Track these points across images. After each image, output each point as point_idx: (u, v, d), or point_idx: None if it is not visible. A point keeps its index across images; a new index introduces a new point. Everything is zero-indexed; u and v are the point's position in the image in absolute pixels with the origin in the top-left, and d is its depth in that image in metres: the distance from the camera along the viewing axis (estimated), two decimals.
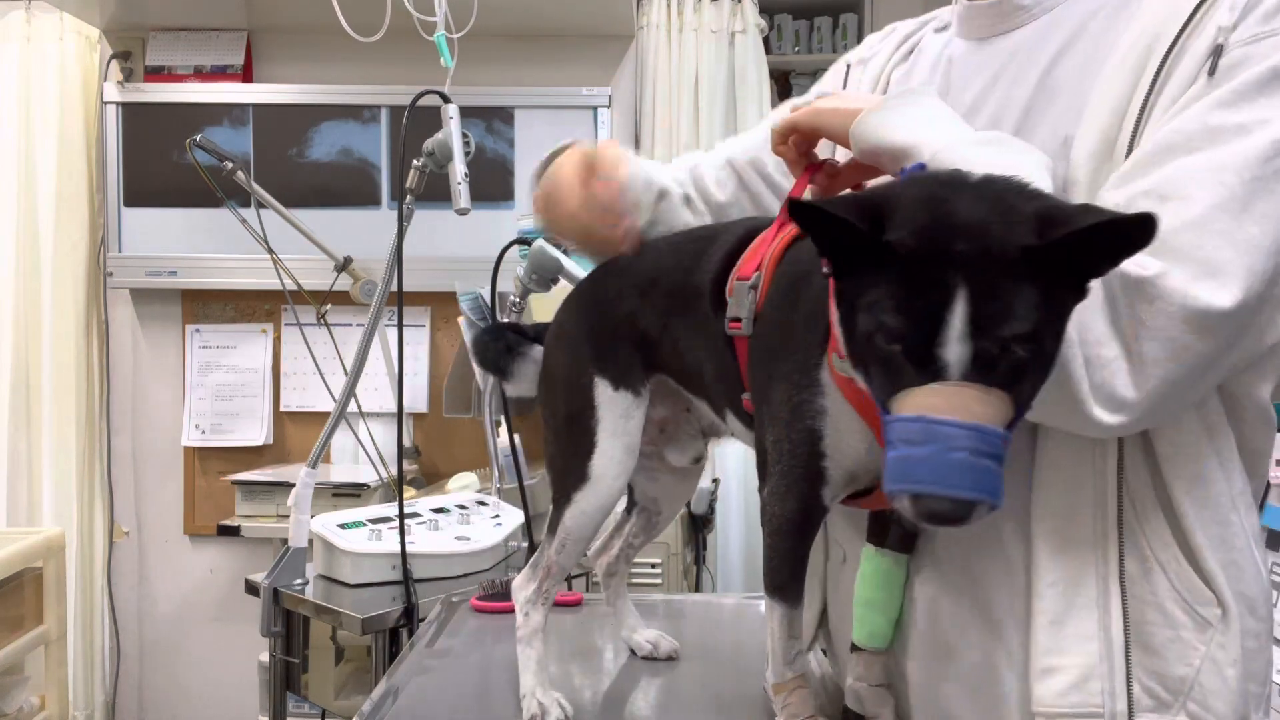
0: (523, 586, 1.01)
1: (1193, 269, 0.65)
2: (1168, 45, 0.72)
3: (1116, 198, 0.69)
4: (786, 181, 0.94)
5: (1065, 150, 0.75)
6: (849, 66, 1.01)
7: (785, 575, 0.82)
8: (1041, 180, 0.68)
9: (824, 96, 0.84)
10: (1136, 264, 0.65)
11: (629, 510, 1.10)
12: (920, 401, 0.60)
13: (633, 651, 1.11)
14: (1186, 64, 0.71)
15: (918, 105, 0.77)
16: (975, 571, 0.78)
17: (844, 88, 1.00)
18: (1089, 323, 0.68)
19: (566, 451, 0.93)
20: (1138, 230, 0.57)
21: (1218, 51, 0.70)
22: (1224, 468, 0.73)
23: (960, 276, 0.59)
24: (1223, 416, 0.74)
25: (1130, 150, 0.71)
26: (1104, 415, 0.68)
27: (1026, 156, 0.71)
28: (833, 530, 0.92)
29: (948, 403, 0.59)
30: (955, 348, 0.59)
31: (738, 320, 0.80)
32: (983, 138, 0.73)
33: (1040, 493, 0.75)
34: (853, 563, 0.86)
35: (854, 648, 0.84)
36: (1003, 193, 0.63)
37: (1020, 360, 0.59)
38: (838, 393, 0.72)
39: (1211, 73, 0.69)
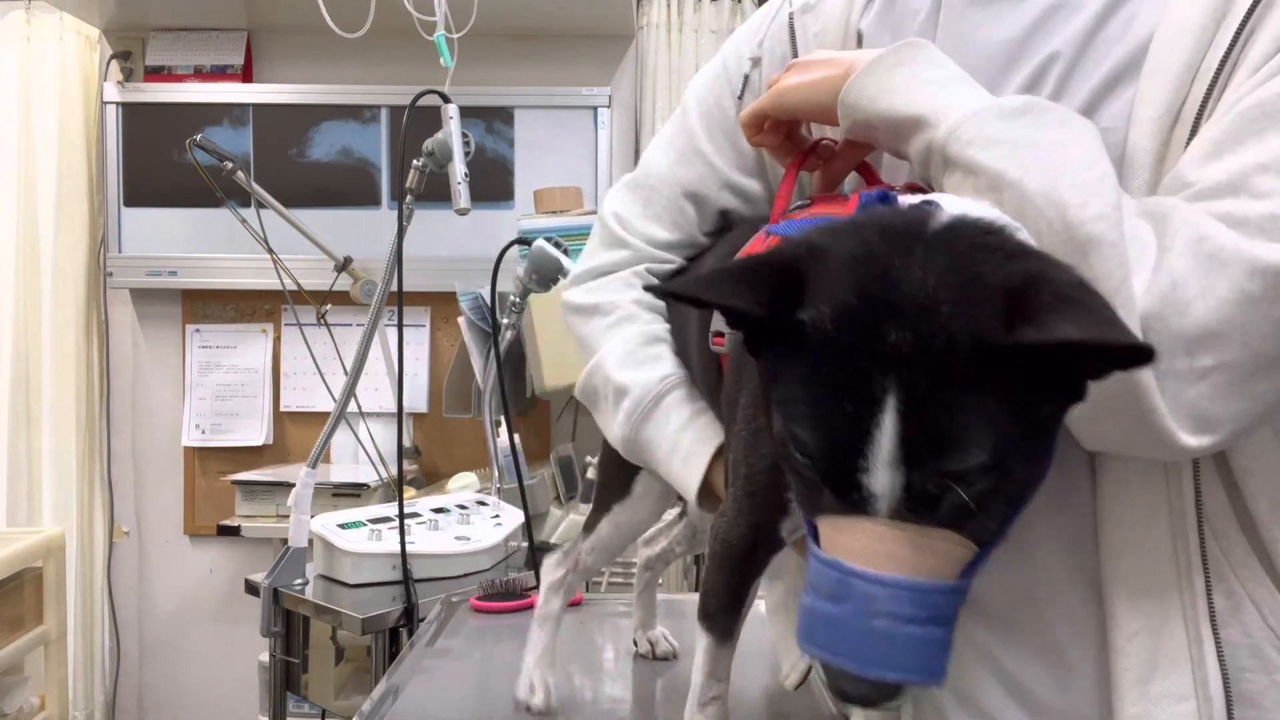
0: (551, 570, 1.00)
1: None
2: None
3: (1216, 175, 0.57)
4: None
5: (1124, 113, 0.63)
6: (791, 17, 0.81)
7: (715, 606, 0.72)
8: (1095, 156, 0.56)
9: (793, 66, 0.71)
10: (1272, 251, 0.53)
11: (681, 515, 1.10)
12: (839, 540, 0.47)
13: (636, 644, 1.12)
14: (1277, 18, 0.59)
15: (920, 60, 0.63)
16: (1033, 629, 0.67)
17: (793, 53, 0.81)
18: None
19: (615, 461, 0.88)
20: (1129, 356, 0.43)
21: None
22: None
23: (893, 380, 0.44)
24: None
25: (1201, 116, 0.60)
26: (1189, 438, 0.55)
27: (1070, 129, 0.58)
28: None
29: (870, 547, 0.46)
30: (881, 477, 0.45)
31: (720, 335, 0.72)
32: (1013, 105, 0.59)
33: (1107, 529, 0.63)
34: None
35: None
36: (967, 252, 0.47)
37: (978, 496, 0.45)
38: None
39: None
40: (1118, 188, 0.56)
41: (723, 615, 0.72)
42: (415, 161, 1.68)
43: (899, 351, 0.44)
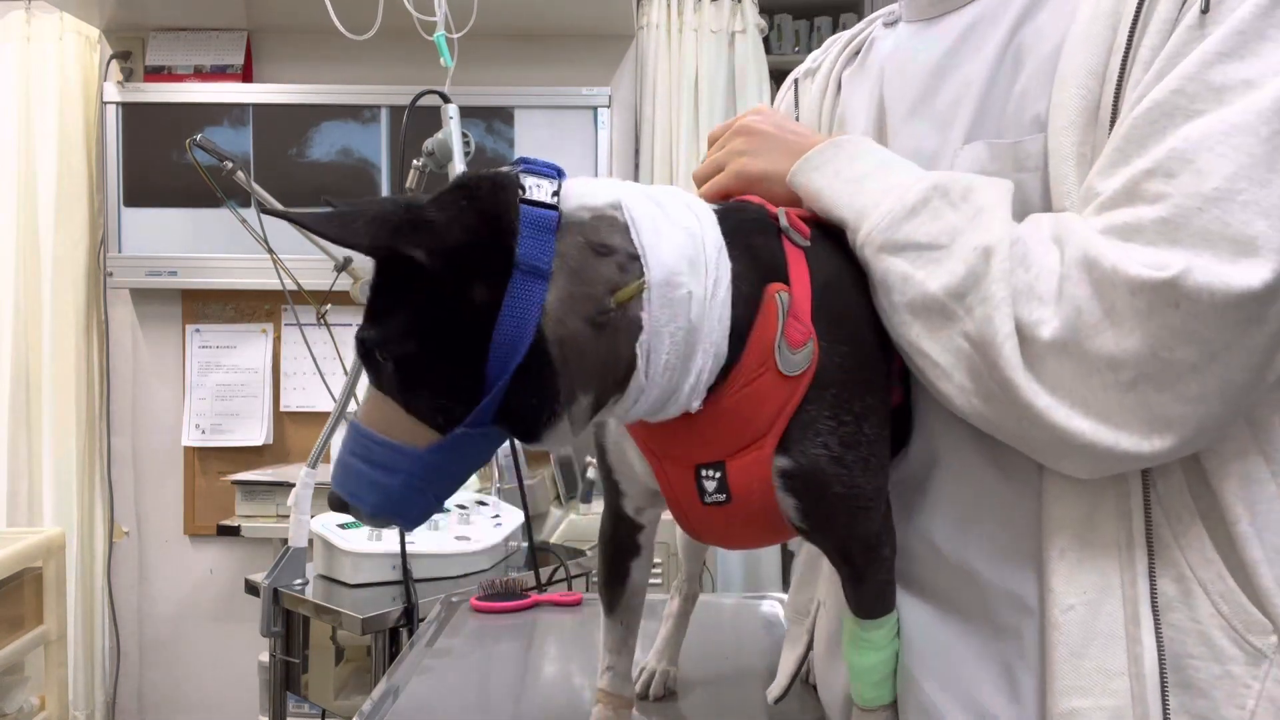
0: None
1: (1222, 251, 0.55)
2: None
3: (1115, 184, 0.60)
4: None
5: (1038, 124, 0.66)
6: (796, 82, 0.96)
7: (599, 582, 0.84)
8: (1000, 219, 0.63)
9: (743, 132, 0.79)
10: (1148, 265, 0.56)
11: None
12: None
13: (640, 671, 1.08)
14: (1165, 4, 0.61)
15: (841, 159, 0.71)
16: (966, 608, 0.70)
17: (795, 106, 0.94)
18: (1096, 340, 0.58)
19: None
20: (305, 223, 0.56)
21: None
22: (1272, 466, 0.62)
23: (377, 276, 0.59)
24: (1270, 408, 0.63)
25: (1115, 115, 0.62)
26: (1142, 443, 0.58)
27: (977, 207, 0.64)
28: (825, 570, 0.87)
29: (361, 404, 0.61)
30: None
31: None
32: (921, 196, 0.65)
33: (1050, 503, 0.65)
34: (832, 610, 0.82)
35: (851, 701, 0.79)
36: (451, 185, 0.60)
37: (385, 368, 0.58)
38: None
39: (1205, 9, 0.60)
40: (1003, 253, 0.61)
41: (605, 589, 0.83)
42: (415, 161, 1.68)
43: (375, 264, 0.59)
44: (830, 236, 0.70)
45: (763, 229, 0.67)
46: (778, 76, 3.69)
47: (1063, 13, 0.67)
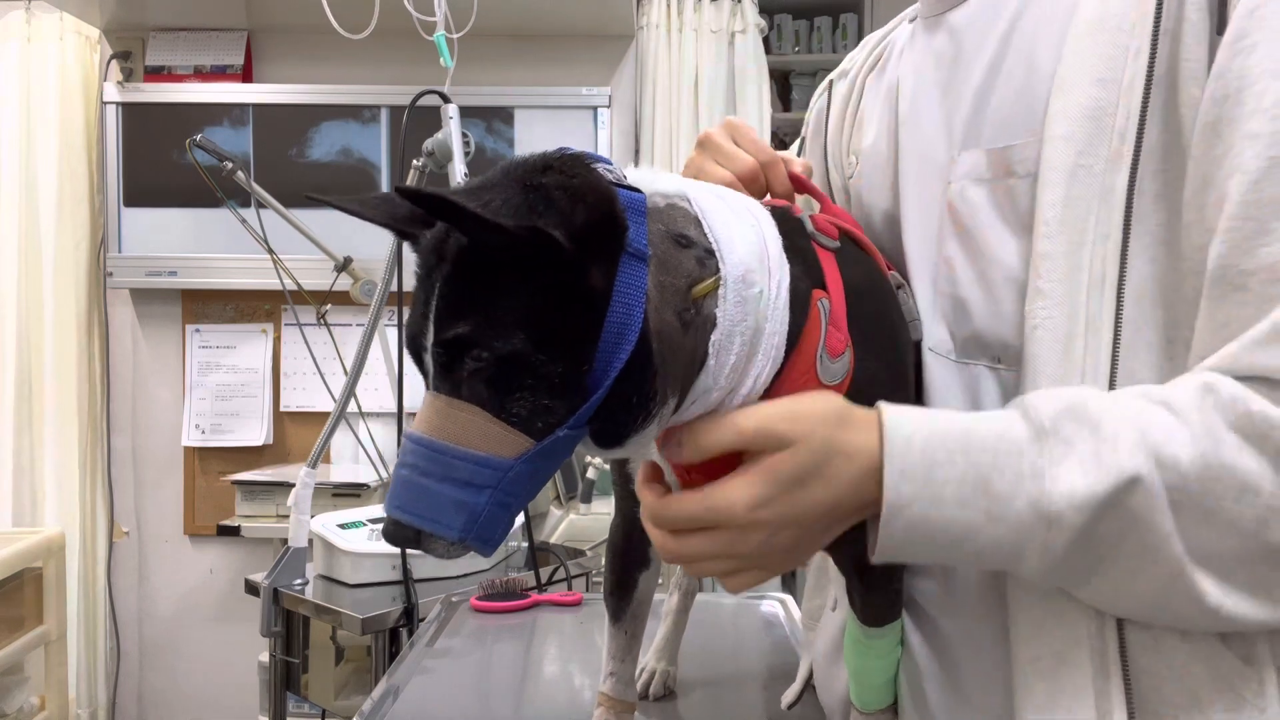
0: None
1: None
2: None
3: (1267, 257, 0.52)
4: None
5: (1031, 129, 0.63)
6: (831, 84, 0.92)
7: (606, 590, 0.82)
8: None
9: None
10: None
11: None
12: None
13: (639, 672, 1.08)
14: (1195, 12, 0.57)
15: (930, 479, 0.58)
16: (951, 644, 0.68)
17: (826, 109, 0.90)
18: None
19: None
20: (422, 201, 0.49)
21: None
22: None
23: (438, 275, 0.52)
24: None
25: (1142, 126, 0.58)
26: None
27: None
28: (831, 574, 0.86)
29: (420, 414, 0.53)
30: (425, 354, 0.53)
31: None
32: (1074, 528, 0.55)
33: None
34: (842, 611, 0.81)
35: (851, 704, 0.79)
36: (531, 181, 0.53)
37: (482, 370, 0.51)
38: None
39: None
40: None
41: (610, 598, 0.82)
42: (415, 161, 1.68)
43: (446, 252, 0.52)
44: (853, 242, 0.69)
45: (801, 232, 0.65)
46: (778, 77, 3.70)
47: (1056, 13, 0.64)
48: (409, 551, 1.57)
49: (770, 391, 0.59)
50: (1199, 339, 0.56)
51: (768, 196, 0.77)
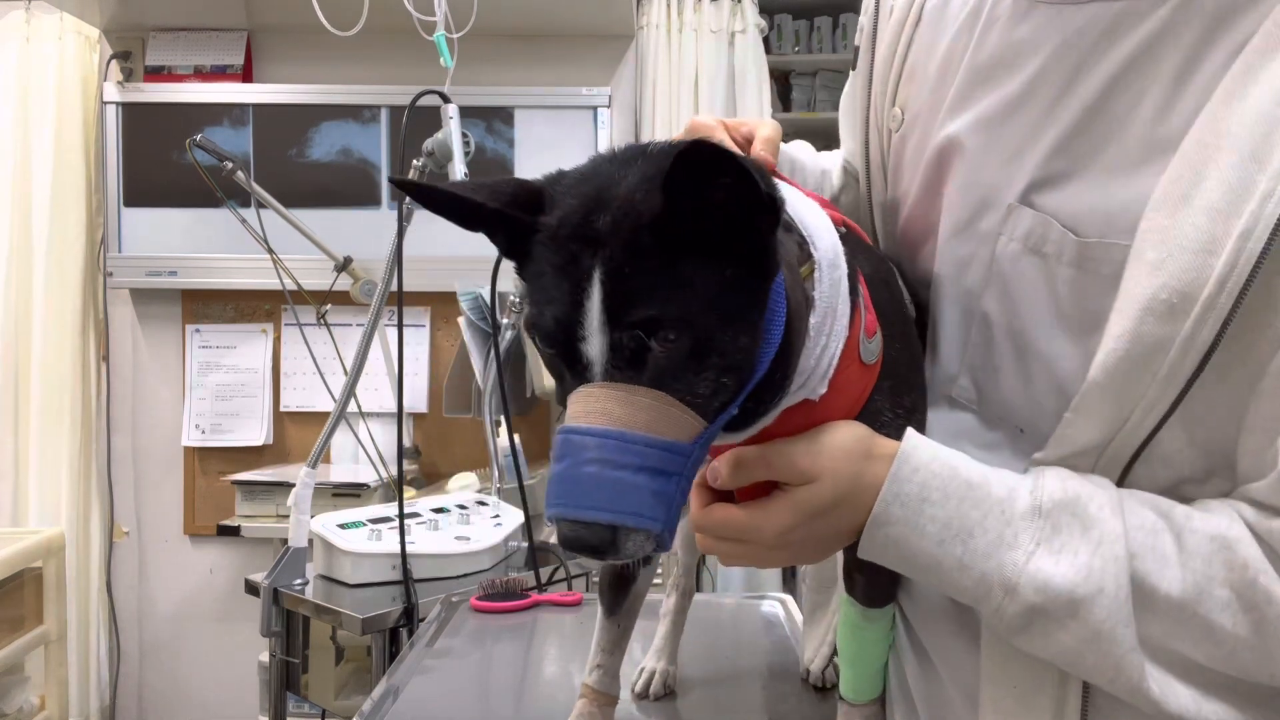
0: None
1: None
2: None
3: None
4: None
5: (1128, 224, 0.54)
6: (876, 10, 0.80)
7: (603, 583, 0.82)
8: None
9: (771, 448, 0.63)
10: None
11: None
12: (571, 409, 0.52)
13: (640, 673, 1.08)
14: None
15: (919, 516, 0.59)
16: (934, 646, 0.69)
17: (873, 37, 0.80)
18: None
19: None
20: (704, 157, 0.47)
21: None
22: None
23: (597, 259, 0.50)
24: None
25: (1247, 286, 0.50)
26: None
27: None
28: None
29: (588, 407, 0.50)
30: (592, 342, 0.50)
31: None
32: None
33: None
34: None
35: (839, 697, 0.80)
36: (667, 156, 0.51)
37: (673, 352, 0.50)
38: None
39: None
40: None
41: (608, 591, 0.82)
42: (415, 161, 1.68)
43: (604, 236, 0.50)
44: (849, 229, 0.69)
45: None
46: (778, 76, 3.69)
47: (1182, 78, 0.55)
48: (409, 552, 1.57)
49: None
50: (1249, 457, 0.55)
51: None
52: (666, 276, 0.50)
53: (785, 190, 0.59)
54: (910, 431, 0.60)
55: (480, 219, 0.55)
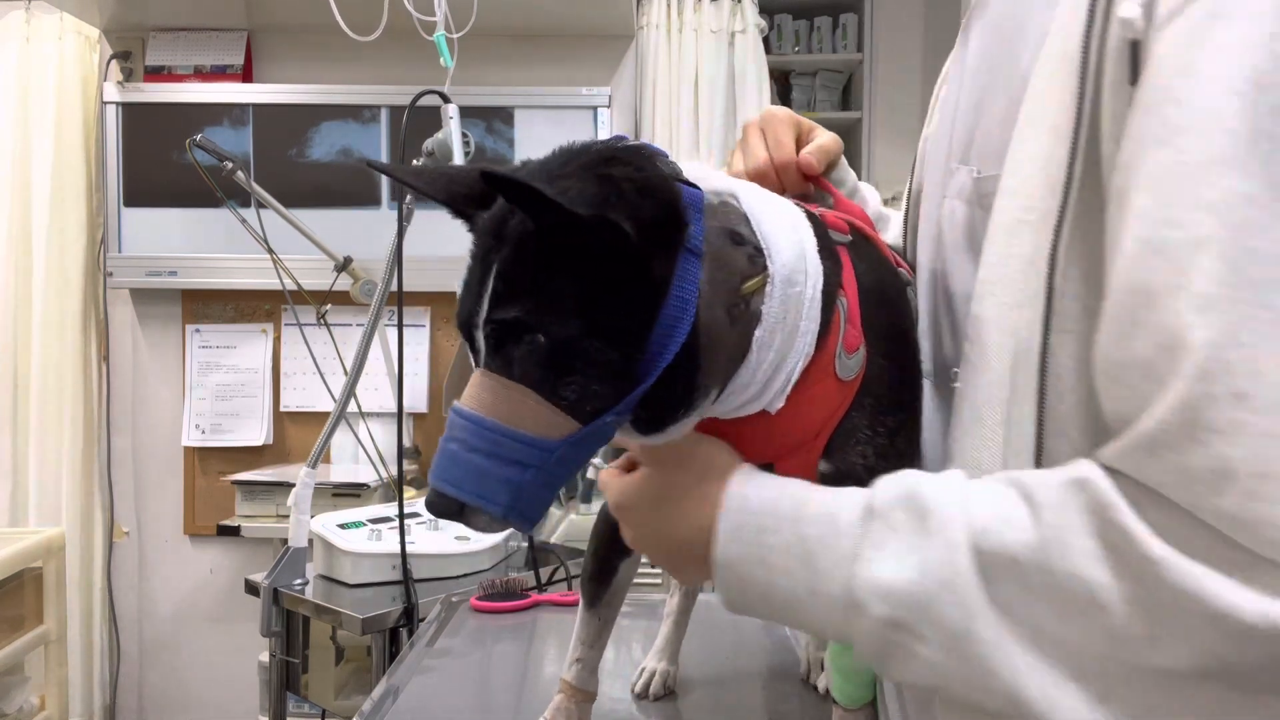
0: None
1: None
2: (1080, 56, 0.52)
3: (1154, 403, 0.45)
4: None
5: (1000, 162, 0.58)
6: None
7: (585, 574, 0.83)
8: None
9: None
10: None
11: None
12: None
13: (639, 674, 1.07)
14: (1112, 60, 0.51)
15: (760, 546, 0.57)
16: None
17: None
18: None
19: None
20: (495, 183, 0.50)
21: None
22: None
23: (497, 255, 0.54)
24: None
25: (1068, 192, 0.53)
26: None
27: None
28: None
29: (469, 390, 0.55)
30: (477, 334, 0.55)
31: None
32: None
33: None
34: None
35: (834, 701, 0.80)
36: (595, 163, 0.54)
37: (535, 353, 0.52)
38: None
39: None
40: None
41: (589, 583, 0.83)
42: (415, 161, 1.68)
43: (506, 234, 0.53)
44: (864, 239, 0.69)
45: (825, 232, 0.66)
46: (778, 76, 3.70)
47: (1034, 33, 0.58)
48: (409, 552, 1.57)
49: (796, 387, 0.61)
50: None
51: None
52: (539, 282, 0.52)
53: (751, 200, 0.60)
54: (741, 465, 0.60)
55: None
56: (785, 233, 0.60)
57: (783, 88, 3.82)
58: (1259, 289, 0.43)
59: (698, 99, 2.82)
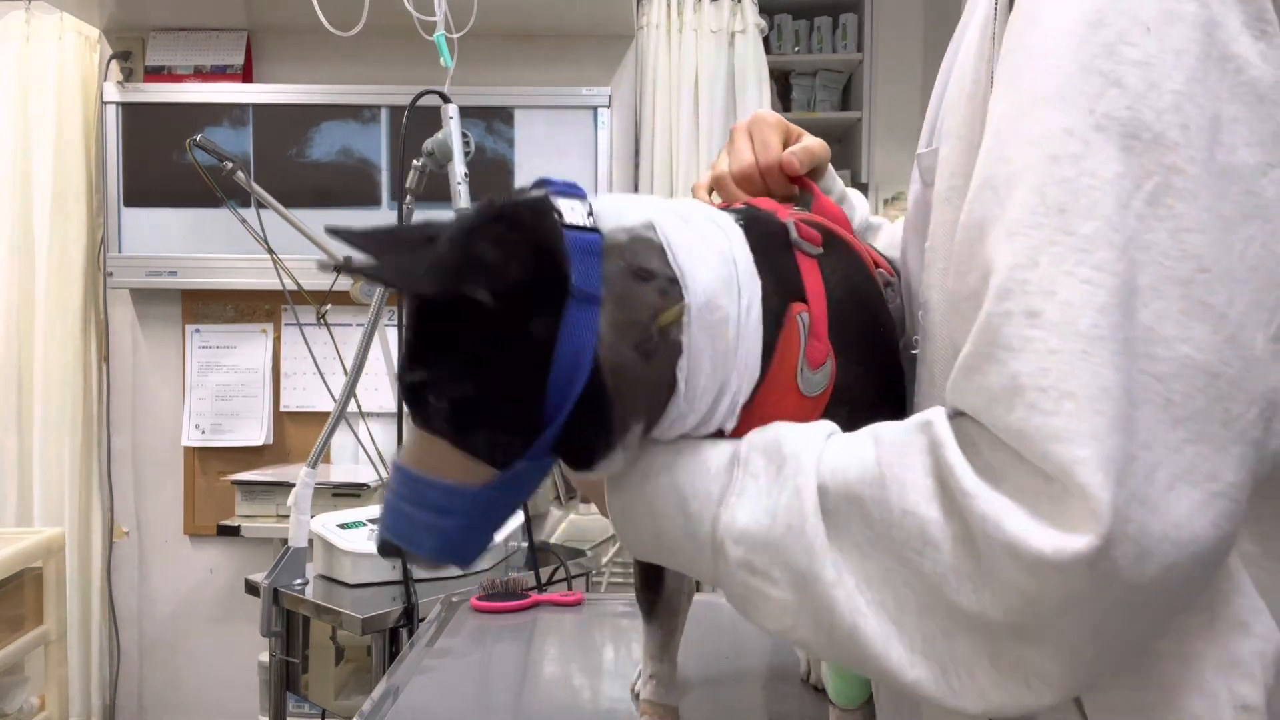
0: None
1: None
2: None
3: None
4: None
5: (923, 172, 0.62)
6: None
7: (637, 583, 0.83)
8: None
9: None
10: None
11: None
12: None
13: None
14: (1003, 34, 0.53)
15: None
16: None
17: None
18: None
19: None
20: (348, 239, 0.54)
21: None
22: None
23: (409, 318, 0.57)
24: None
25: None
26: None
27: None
28: None
29: (405, 444, 0.59)
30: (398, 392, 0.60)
31: None
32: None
33: None
34: None
35: (830, 701, 0.80)
36: (493, 220, 0.56)
37: (441, 410, 0.55)
38: None
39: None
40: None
41: (640, 593, 0.83)
42: (415, 161, 1.68)
43: (428, 299, 0.55)
44: (838, 244, 0.68)
45: (780, 242, 0.65)
46: (778, 76, 3.70)
47: (972, 18, 0.60)
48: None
49: (750, 404, 0.61)
50: None
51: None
52: (432, 345, 0.55)
53: (669, 229, 0.59)
54: None
55: None
56: (703, 259, 0.59)
57: (783, 88, 3.82)
58: (1065, 215, 0.44)
59: (698, 99, 2.82)
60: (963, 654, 0.47)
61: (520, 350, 0.54)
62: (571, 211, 0.57)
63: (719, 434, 0.61)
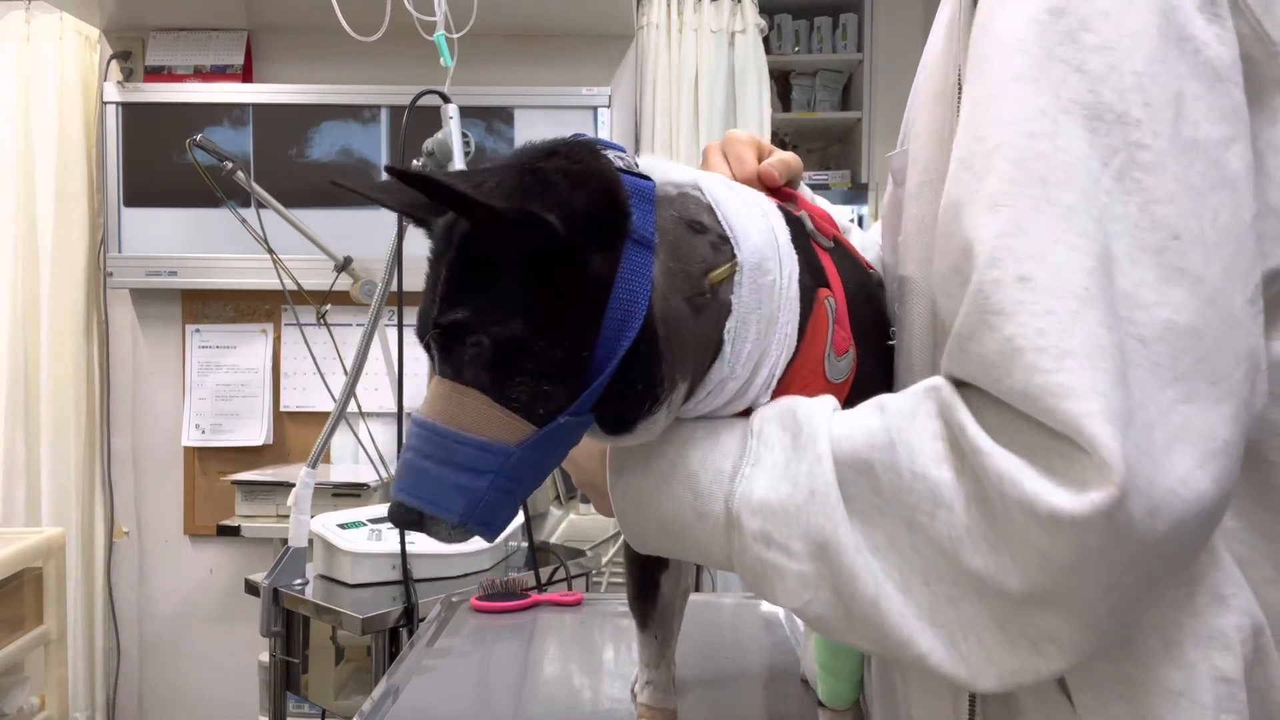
0: None
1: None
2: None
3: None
4: None
5: (894, 172, 0.64)
6: None
7: (629, 596, 0.80)
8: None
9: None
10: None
11: None
12: None
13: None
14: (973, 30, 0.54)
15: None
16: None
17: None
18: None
19: None
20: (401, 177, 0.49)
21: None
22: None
23: (443, 260, 0.53)
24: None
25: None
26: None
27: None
28: None
29: (426, 396, 0.54)
30: (429, 339, 0.53)
31: None
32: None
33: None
34: None
35: (819, 703, 0.80)
36: (533, 166, 0.53)
37: (481, 356, 0.51)
38: None
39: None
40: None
41: (635, 603, 0.79)
42: (415, 161, 1.68)
43: (454, 236, 0.52)
44: (839, 242, 0.69)
45: (802, 230, 0.65)
46: (778, 76, 3.70)
47: (939, 21, 0.62)
48: (409, 551, 1.57)
49: (780, 385, 0.59)
50: None
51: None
52: (480, 283, 0.51)
53: (715, 190, 0.59)
54: None
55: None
56: (753, 220, 0.59)
57: (783, 88, 3.82)
58: (1046, 186, 0.45)
59: (698, 99, 2.82)
60: (970, 620, 0.47)
61: (578, 287, 0.51)
62: (619, 159, 0.56)
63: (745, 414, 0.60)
